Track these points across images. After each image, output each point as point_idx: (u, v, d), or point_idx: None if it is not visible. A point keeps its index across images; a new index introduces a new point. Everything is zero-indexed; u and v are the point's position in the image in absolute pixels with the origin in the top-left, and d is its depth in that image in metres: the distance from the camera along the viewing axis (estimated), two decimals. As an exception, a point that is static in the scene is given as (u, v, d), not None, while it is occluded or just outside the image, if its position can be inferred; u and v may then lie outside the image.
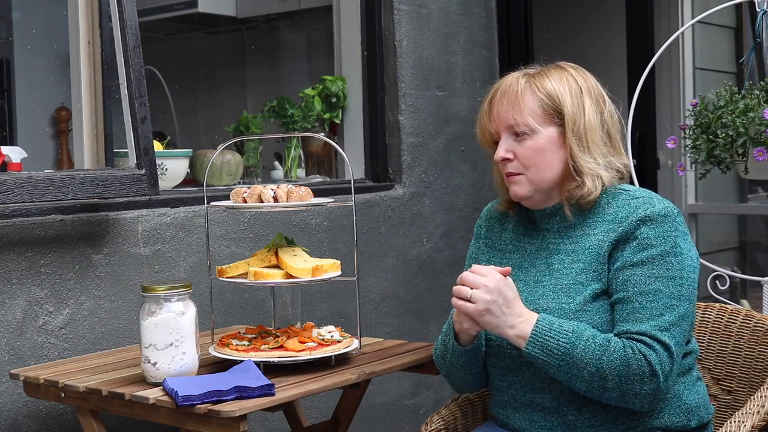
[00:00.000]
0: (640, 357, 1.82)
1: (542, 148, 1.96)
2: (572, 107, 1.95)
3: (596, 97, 1.99)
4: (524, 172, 1.98)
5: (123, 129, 2.58)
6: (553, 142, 1.96)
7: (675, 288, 1.87)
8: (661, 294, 1.86)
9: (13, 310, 2.42)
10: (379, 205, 3.43)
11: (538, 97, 1.96)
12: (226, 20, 4.79)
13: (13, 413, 2.42)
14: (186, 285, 2.07)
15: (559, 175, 1.97)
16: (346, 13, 3.58)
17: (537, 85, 1.97)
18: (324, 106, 3.52)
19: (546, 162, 1.96)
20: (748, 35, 4.58)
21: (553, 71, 2.00)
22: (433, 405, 3.62)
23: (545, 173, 1.97)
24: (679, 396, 1.94)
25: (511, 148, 1.99)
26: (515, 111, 1.97)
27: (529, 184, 1.99)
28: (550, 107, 1.95)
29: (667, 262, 1.88)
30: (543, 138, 1.96)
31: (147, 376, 2.05)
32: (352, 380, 2.12)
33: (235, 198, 2.26)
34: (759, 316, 2.23)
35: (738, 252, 5.07)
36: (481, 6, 3.86)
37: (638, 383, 1.82)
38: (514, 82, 2.00)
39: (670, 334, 1.84)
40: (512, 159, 1.99)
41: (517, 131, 1.97)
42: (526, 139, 1.96)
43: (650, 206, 1.91)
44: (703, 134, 2.86)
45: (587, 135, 1.95)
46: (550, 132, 1.96)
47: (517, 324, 1.88)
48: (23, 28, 4.25)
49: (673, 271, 1.87)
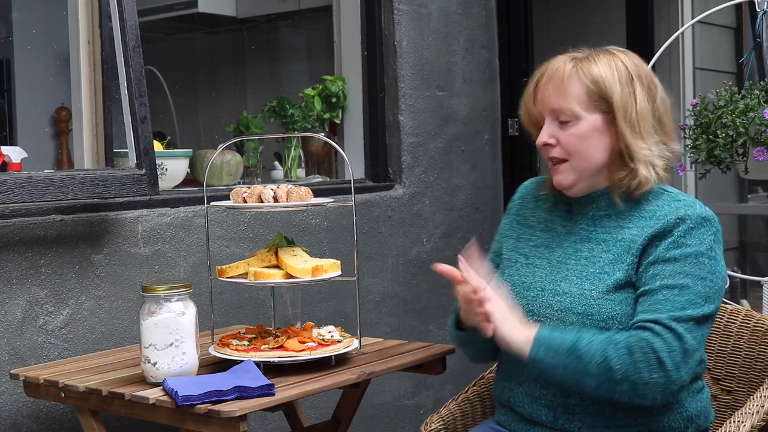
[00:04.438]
0: (644, 344, 1.78)
1: (585, 136, 1.93)
2: (622, 95, 1.91)
3: (648, 83, 1.95)
4: (568, 159, 1.95)
5: (123, 129, 2.58)
6: (597, 130, 1.93)
7: (704, 288, 1.84)
8: (687, 291, 1.83)
9: (13, 310, 2.42)
10: (379, 205, 3.43)
11: (584, 83, 1.92)
12: (226, 20, 4.79)
13: (13, 413, 2.42)
14: (186, 285, 2.07)
15: (605, 162, 1.94)
16: (346, 13, 3.58)
17: (584, 71, 1.93)
18: (324, 106, 3.52)
19: (589, 149, 1.93)
20: (748, 35, 4.58)
21: (602, 56, 1.96)
22: (433, 405, 3.62)
23: (588, 161, 1.94)
24: (681, 402, 1.93)
25: (554, 134, 1.95)
26: (560, 96, 1.93)
27: (573, 172, 1.95)
28: (595, 94, 1.92)
29: (700, 263, 1.85)
30: (586, 125, 1.92)
31: (147, 376, 2.05)
32: (352, 380, 2.12)
33: (235, 198, 2.26)
34: (759, 315, 2.23)
35: (738, 252, 5.07)
36: (481, 6, 3.86)
37: (645, 371, 1.78)
38: (561, 65, 1.96)
39: (686, 326, 1.80)
40: (555, 144, 1.96)
41: (561, 118, 1.94)
42: (569, 126, 1.93)
43: (692, 208, 1.89)
44: (703, 134, 2.86)
45: (640, 122, 1.91)
46: (595, 119, 1.92)
47: (516, 332, 1.87)
48: (23, 28, 4.26)
49: (704, 271, 1.85)
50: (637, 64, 1.98)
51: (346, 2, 3.57)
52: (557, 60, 1.98)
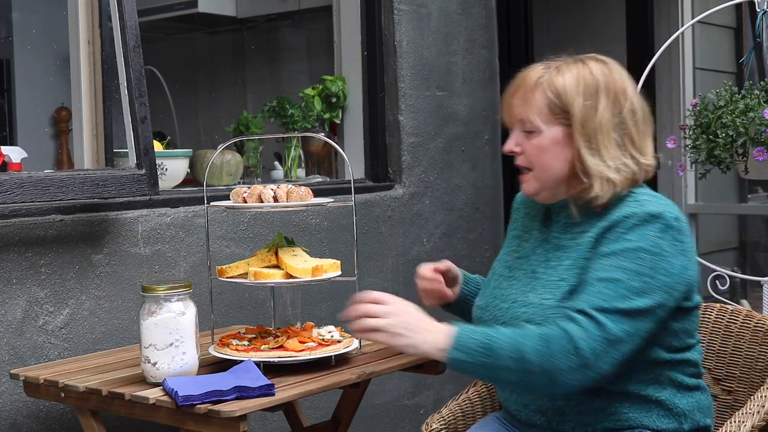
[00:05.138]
0: (561, 332, 1.76)
1: (546, 148, 1.93)
2: (583, 107, 1.90)
3: (615, 94, 1.93)
4: (531, 168, 1.96)
5: (123, 129, 2.58)
6: (557, 142, 1.92)
7: (639, 283, 1.80)
8: (619, 284, 1.79)
9: (13, 310, 2.42)
10: (379, 205, 3.43)
11: (547, 95, 1.92)
12: (226, 20, 4.79)
13: (13, 413, 2.42)
14: (186, 285, 2.07)
15: (565, 174, 1.94)
16: (346, 13, 3.58)
17: (549, 82, 1.93)
18: (324, 106, 3.52)
19: (548, 161, 1.93)
20: (748, 35, 4.58)
21: (573, 66, 1.95)
22: (433, 405, 3.62)
23: (549, 172, 1.94)
24: (671, 399, 1.91)
25: (519, 142, 1.97)
26: (524, 107, 1.94)
27: (536, 181, 1.97)
28: (557, 107, 1.91)
29: (639, 258, 1.81)
30: (547, 138, 1.93)
31: (147, 376, 2.05)
32: (352, 380, 2.12)
33: (235, 198, 2.26)
34: (759, 316, 2.23)
35: (738, 252, 5.07)
36: (481, 6, 3.85)
37: (561, 359, 1.76)
38: (531, 75, 1.96)
39: (610, 317, 1.77)
40: (520, 153, 1.97)
41: (526, 128, 1.95)
42: (533, 137, 1.94)
43: (641, 206, 1.86)
44: (703, 134, 2.86)
45: (597, 136, 1.90)
46: (555, 132, 1.92)
47: (429, 339, 1.85)
48: (23, 28, 4.26)
49: (643, 267, 1.80)
50: (608, 73, 1.95)
51: (346, 2, 3.57)
52: (531, 68, 1.99)
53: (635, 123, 1.95)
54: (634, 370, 1.87)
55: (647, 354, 1.87)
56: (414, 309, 1.89)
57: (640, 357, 1.85)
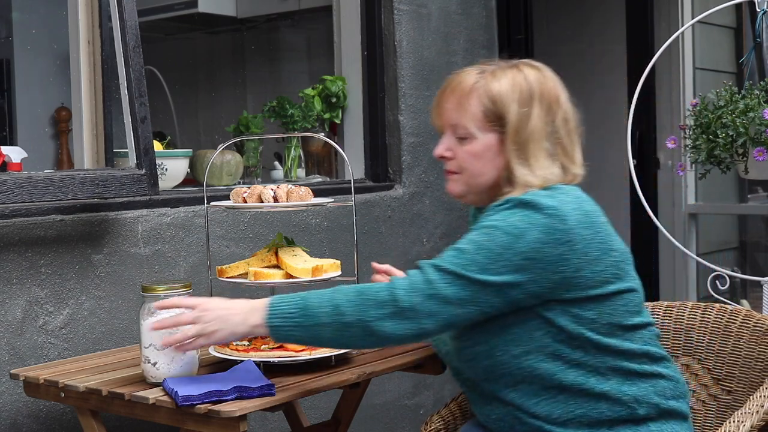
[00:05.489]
0: (382, 285, 1.81)
1: (479, 154, 1.93)
2: (517, 114, 1.89)
3: (549, 102, 1.92)
4: (461, 172, 1.96)
5: (123, 129, 2.58)
6: (490, 149, 1.92)
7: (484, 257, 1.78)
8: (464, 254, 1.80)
9: (13, 310, 2.42)
10: (379, 205, 3.43)
11: (482, 101, 1.91)
12: (226, 20, 4.79)
13: (13, 413, 2.42)
14: (186, 285, 2.07)
15: (494, 180, 1.93)
16: (346, 13, 3.58)
17: (485, 88, 1.92)
18: (324, 106, 3.52)
19: (481, 168, 1.93)
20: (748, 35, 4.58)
21: (508, 71, 1.94)
22: (433, 405, 3.62)
23: (479, 178, 1.94)
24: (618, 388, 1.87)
25: (451, 147, 1.96)
26: (458, 112, 1.93)
27: (463, 184, 1.97)
28: (492, 113, 1.91)
29: (490, 234, 1.81)
30: (481, 144, 1.92)
31: (147, 376, 2.05)
32: (351, 380, 2.12)
33: (235, 198, 2.26)
34: (759, 316, 2.23)
35: (738, 252, 5.07)
36: (481, 6, 3.86)
37: (376, 307, 1.79)
38: (465, 79, 1.95)
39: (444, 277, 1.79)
40: (451, 158, 1.97)
41: (458, 134, 1.94)
42: (466, 143, 1.94)
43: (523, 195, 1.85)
44: (703, 134, 2.87)
45: (529, 144, 1.89)
46: (489, 138, 1.92)
47: (244, 319, 1.87)
48: (23, 28, 4.26)
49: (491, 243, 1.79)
50: (542, 82, 1.94)
51: (346, 2, 3.57)
52: (464, 72, 1.97)
53: (567, 132, 1.94)
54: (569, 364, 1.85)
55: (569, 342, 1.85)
56: (220, 299, 1.93)
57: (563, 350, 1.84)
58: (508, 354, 1.87)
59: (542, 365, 1.85)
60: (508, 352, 1.87)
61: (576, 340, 1.85)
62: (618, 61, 4.52)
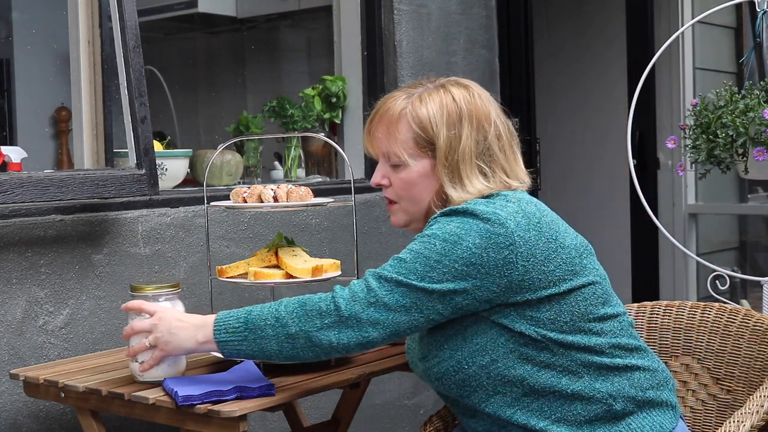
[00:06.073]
0: (324, 296, 1.80)
1: (413, 182, 1.92)
2: (447, 138, 1.89)
3: (479, 120, 1.90)
4: (398, 201, 1.97)
5: (123, 129, 2.58)
6: (425, 176, 1.92)
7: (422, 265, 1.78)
8: (403, 263, 1.80)
9: (13, 310, 2.42)
10: (379, 205, 3.43)
11: (412, 128, 1.90)
12: (226, 20, 4.79)
13: (13, 413, 2.42)
14: (174, 285, 2.07)
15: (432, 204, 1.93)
16: (346, 13, 3.58)
17: (413, 114, 1.90)
18: (324, 106, 3.52)
19: (417, 194, 1.93)
20: (748, 35, 4.58)
21: (435, 95, 1.92)
22: (433, 405, 3.62)
23: (418, 205, 1.94)
24: (591, 386, 1.85)
25: (386, 174, 1.97)
26: (389, 141, 1.93)
27: (404, 213, 1.97)
28: (423, 140, 1.90)
29: (430, 242, 1.80)
30: (415, 171, 1.92)
31: (134, 374, 2.05)
32: (351, 380, 2.12)
33: (235, 198, 2.26)
34: (759, 315, 2.22)
35: (738, 252, 5.07)
36: (481, 6, 3.86)
37: (317, 317, 1.79)
38: (392, 105, 1.94)
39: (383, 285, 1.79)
40: (388, 185, 1.97)
41: (391, 161, 1.94)
42: (400, 170, 1.93)
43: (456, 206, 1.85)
44: (703, 134, 2.86)
45: (460, 165, 1.88)
46: (423, 165, 1.91)
47: (192, 334, 1.89)
48: (23, 28, 4.25)
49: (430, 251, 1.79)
50: (470, 101, 1.92)
51: (346, 2, 3.57)
52: (392, 97, 1.96)
53: (501, 147, 1.93)
54: (537, 367, 1.83)
55: (533, 344, 1.83)
56: (174, 311, 1.94)
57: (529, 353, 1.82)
58: (476, 365, 1.84)
59: (512, 372, 1.83)
60: (475, 363, 1.84)
61: (540, 342, 1.83)
62: (618, 61, 4.53)
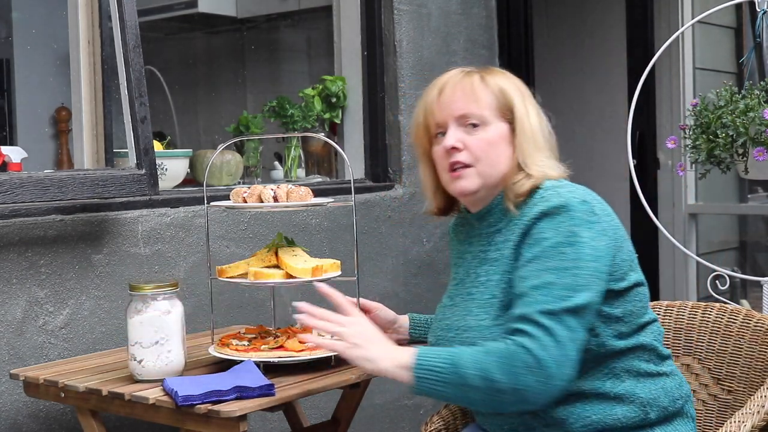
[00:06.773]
0: (518, 347, 1.72)
1: (494, 141, 1.92)
2: (521, 107, 1.93)
3: (536, 104, 1.97)
4: (474, 164, 1.92)
5: (123, 129, 2.58)
6: (503, 138, 1.92)
7: (571, 278, 1.76)
8: (554, 286, 1.76)
9: (13, 310, 2.42)
10: (379, 205, 3.43)
11: (493, 91, 1.93)
12: (226, 20, 4.80)
13: (13, 413, 2.42)
14: (172, 284, 2.08)
15: (506, 172, 1.92)
16: (346, 13, 3.58)
17: (489, 80, 1.94)
18: (324, 106, 3.52)
19: (497, 155, 1.92)
20: (748, 35, 4.58)
21: (496, 71, 1.98)
22: (433, 405, 3.62)
23: (495, 168, 1.92)
24: (632, 391, 1.87)
25: (461, 138, 1.93)
26: (470, 101, 1.92)
27: (478, 177, 1.92)
28: (502, 103, 1.92)
29: (560, 253, 1.78)
30: (495, 131, 1.92)
31: (133, 373, 2.05)
32: (352, 380, 2.12)
33: (235, 198, 2.26)
34: (759, 315, 2.22)
35: (738, 252, 5.07)
36: (481, 6, 3.86)
37: (526, 375, 1.71)
38: (464, 75, 1.96)
39: (557, 319, 1.73)
40: (461, 149, 1.92)
41: (469, 122, 1.92)
42: (478, 130, 1.92)
43: (546, 201, 1.83)
44: (703, 134, 2.87)
45: (535, 136, 1.92)
46: (501, 127, 1.92)
47: (389, 354, 1.83)
48: (23, 28, 4.25)
49: (567, 261, 1.77)
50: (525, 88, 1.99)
51: (346, 2, 3.57)
52: (455, 72, 1.98)
53: (550, 134, 1.98)
54: (586, 369, 1.83)
55: (596, 348, 1.83)
56: (374, 327, 1.89)
57: (589, 353, 1.82)
58: None
59: None
60: None
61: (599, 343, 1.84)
62: (618, 62, 4.53)
